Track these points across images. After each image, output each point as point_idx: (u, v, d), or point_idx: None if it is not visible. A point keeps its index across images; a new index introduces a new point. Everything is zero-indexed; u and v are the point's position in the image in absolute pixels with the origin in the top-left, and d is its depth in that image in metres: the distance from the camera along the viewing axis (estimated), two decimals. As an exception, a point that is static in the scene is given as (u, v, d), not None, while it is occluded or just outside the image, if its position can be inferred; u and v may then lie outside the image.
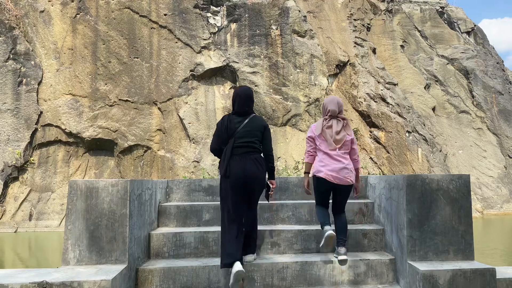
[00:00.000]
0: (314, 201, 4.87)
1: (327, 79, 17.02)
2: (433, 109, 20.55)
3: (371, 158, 17.23)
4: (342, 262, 4.02)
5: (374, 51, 19.94)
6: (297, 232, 4.45)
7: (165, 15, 15.87)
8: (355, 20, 20.01)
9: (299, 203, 4.92)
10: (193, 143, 15.13)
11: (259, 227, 4.51)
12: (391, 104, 18.00)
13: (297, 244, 4.43)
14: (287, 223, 4.84)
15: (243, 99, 4.32)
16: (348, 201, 4.97)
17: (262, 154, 4.31)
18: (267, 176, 4.35)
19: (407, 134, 17.59)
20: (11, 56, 14.69)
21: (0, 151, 14.03)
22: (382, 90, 18.28)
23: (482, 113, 21.13)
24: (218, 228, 4.52)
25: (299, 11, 16.95)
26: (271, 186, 4.37)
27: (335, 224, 4.35)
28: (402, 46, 21.48)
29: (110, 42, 15.28)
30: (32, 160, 14.37)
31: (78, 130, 14.61)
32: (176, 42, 15.80)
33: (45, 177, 14.42)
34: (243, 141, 4.17)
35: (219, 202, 4.89)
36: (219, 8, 16.68)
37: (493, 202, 18.81)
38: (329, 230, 4.07)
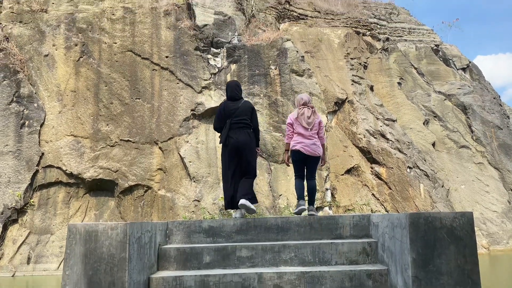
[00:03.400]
0: (317, 241, 4.93)
1: (326, 116, 17.20)
2: (433, 144, 20.60)
3: (373, 194, 17.11)
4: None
5: (371, 88, 20.27)
6: (300, 274, 4.36)
7: (166, 57, 16.25)
8: (352, 59, 20.48)
9: (302, 243, 4.84)
10: (194, 181, 15.08)
11: (261, 269, 4.46)
12: (391, 140, 18.09)
13: (301, 286, 4.32)
14: (289, 265, 4.74)
15: (232, 87, 5.99)
16: (351, 240, 4.93)
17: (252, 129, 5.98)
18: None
19: (408, 169, 17.56)
20: (15, 99, 14.92)
21: (0, 193, 13.97)
22: (381, 126, 18.43)
23: (482, 147, 21.17)
24: (219, 272, 4.44)
25: (297, 51, 17.37)
26: (257, 151, 6.24)
27: (307, 188, 5.97)
28: (399, 83, 21.84)
29: (112, 84, 15.58)
30: (32, 202, 14.28)
31: (79, 171, 14.61)
32: (177, 83, 16.09)
33: (44, 219, 14.28)
34: (237, 119, 5.76)
35: (220, 244, 4.86)
36: (219, 50, 17.12)
37: (498, 237, 18.50)
38: (303, 206, 5.75)
